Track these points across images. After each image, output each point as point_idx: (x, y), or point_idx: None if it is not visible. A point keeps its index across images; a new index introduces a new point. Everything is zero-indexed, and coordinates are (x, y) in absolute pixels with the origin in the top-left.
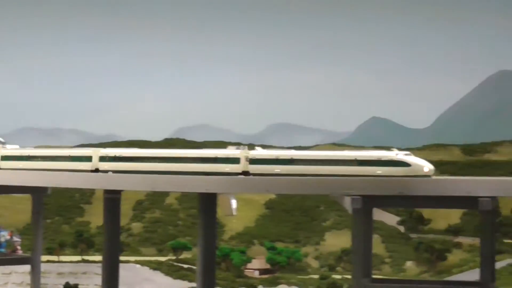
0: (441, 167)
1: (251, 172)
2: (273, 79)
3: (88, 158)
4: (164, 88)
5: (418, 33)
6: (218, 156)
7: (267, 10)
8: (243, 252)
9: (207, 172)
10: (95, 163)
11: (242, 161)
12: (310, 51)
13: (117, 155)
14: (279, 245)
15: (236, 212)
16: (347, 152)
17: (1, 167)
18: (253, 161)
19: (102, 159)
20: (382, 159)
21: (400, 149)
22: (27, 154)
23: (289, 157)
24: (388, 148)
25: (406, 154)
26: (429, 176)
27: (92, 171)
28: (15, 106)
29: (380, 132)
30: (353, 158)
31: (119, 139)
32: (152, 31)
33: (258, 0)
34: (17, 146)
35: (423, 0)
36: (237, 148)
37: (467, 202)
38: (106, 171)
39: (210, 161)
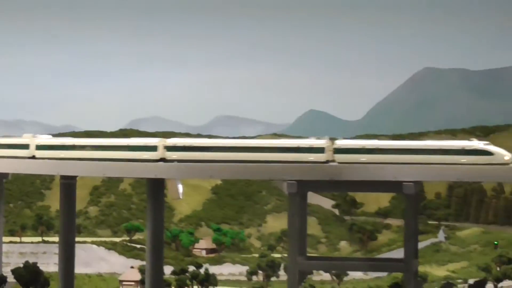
0: None
1: (337, 161)
2: (219, 75)
3: (153, 148)
4: (118, 82)
5: (352, 36)
6: (301, 146)
7: (213, 13)
8: (191, 233)
9: (290, 161)
10: (161, 153)
11: (327, 150)
12: (253, 50)
13: (186, 145)
14: (225, 227)
15: (182, 196)
16: (430, 142)
17: (37, 156)
18: (339, 150)
19: (169, 148)
20: (466, 148)
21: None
22: (71, 144)
23: (374, 147)
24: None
25: (485, 144)
26: (508, 164)
27: (157, 160)
28: None
29: (317, 123)
30: (437, 148)
31: (77, 130)
32: (107, 32)
33: (205, 3)
34: (50, 136)
35: (356, 6)
36: (318, 138)
37: (392, 186)
38: (172, 161)
39: (293, 151)
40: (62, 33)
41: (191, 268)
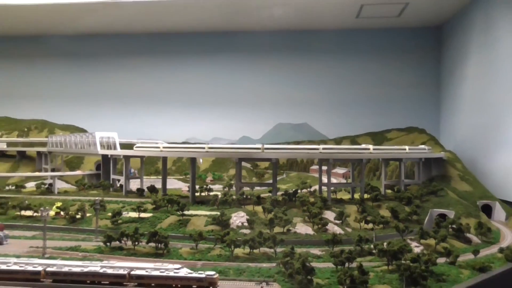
0: None
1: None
2: (188, 115)
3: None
4: (173, 125)
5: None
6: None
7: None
8: (205, 175)
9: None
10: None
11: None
12: (211, 107)
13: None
14: (216, 173)
15: (201, 163)
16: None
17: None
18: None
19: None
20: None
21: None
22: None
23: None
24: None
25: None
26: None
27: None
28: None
29: (240, 139)
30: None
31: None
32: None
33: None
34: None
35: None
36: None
37: (269, 159)
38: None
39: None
40: (131, 99)
41: (204, 186)
